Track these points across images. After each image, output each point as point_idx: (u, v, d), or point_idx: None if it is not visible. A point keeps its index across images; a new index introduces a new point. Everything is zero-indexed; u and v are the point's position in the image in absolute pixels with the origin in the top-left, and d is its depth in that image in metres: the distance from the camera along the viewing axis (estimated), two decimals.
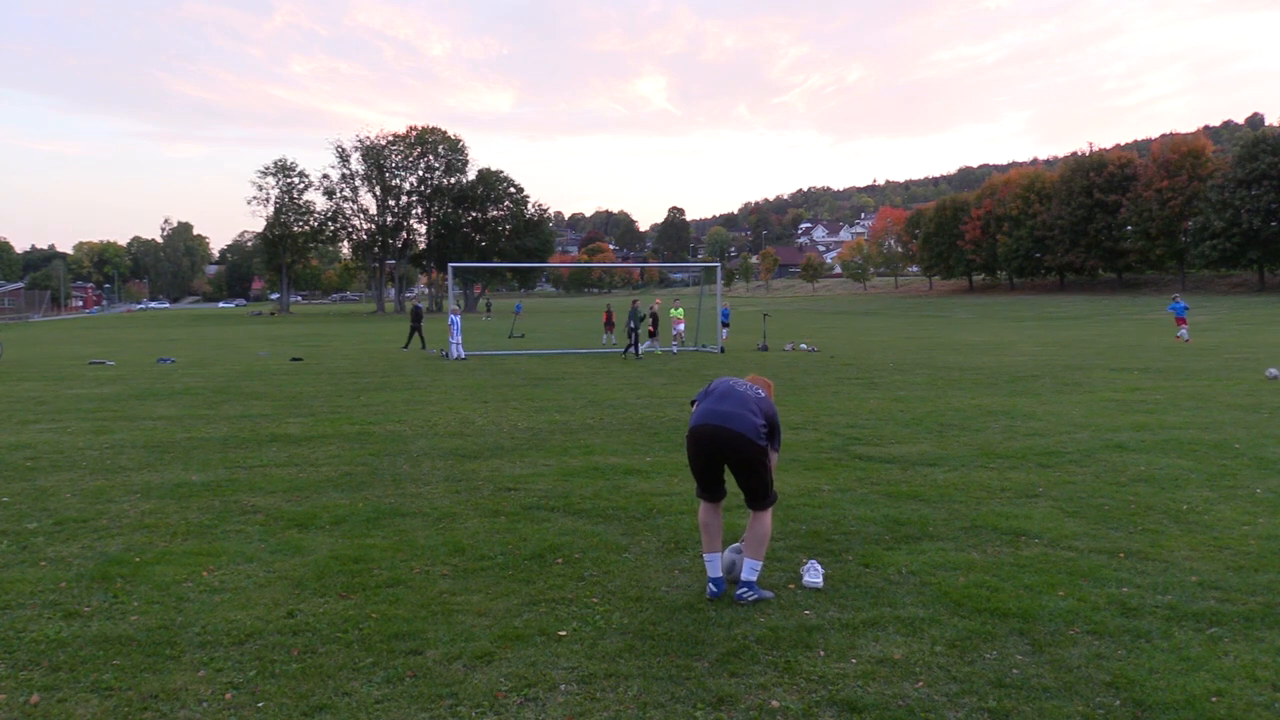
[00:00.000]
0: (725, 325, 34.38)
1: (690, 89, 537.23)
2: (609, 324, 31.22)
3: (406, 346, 28.34)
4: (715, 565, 4.89)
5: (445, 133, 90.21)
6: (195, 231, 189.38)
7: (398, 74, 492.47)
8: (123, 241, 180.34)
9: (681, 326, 26.47)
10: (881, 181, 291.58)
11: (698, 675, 3.81)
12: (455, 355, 23.51)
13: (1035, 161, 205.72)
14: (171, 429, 11.05)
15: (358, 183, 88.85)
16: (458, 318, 24.38)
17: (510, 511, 6.67)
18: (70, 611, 4.59)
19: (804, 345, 26.53)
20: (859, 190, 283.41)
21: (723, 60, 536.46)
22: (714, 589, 4.82)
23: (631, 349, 23.53)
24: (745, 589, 4.73)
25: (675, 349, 25.59)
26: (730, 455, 4.77)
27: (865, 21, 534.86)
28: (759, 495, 4.86)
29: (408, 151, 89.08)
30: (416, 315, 29.06)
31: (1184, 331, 28.56)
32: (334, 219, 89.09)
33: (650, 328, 25.68)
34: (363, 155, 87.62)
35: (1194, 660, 3.90)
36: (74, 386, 16.73)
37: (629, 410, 12.49)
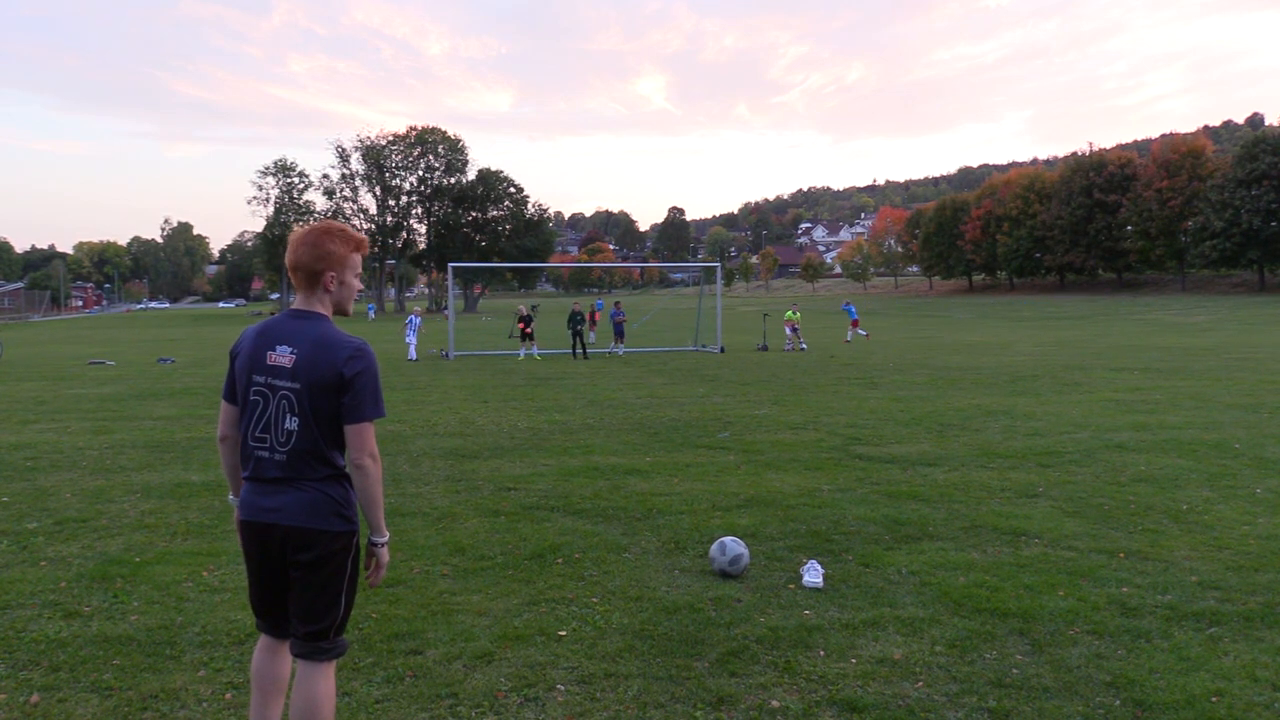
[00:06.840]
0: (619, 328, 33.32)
1: (690, 88, 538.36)
2: (592, 323, 33.19)
3: None
4: None
5: (445, 133, 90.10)
6: (195, 231, 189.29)
7: (396, 73, 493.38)
8: (123, 241, 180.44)
9: (789, 329, 26.47)
10: (881, 181, 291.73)
11: (698, 675, 3.81)
12: (410, 356, 23.17)
13: (1035, 161, 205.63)
14: (171, 429, 11.05)
15: (358, 183, 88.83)
16: (417, 319, 24.31)
17: (510, 511, 6.67)
18: (70, 611, 4.59)
19: (802, 344, 26.52)
20: (859, 190, 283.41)
21: (722, 60, 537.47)
22: None
23: (581, 351, 24.27)
24: None
25: (801, 346, 26.04)
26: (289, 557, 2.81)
27: (865, 21, 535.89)
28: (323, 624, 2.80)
29: (408, 151, 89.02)
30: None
31: (851, 334, 29.68)
32: (334, 219, 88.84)
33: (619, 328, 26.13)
34: (363, 155, 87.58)
35: (1194, 660, 3.90)
36: (74, 386, 16.73)
37: (629, 410, 12.49)
